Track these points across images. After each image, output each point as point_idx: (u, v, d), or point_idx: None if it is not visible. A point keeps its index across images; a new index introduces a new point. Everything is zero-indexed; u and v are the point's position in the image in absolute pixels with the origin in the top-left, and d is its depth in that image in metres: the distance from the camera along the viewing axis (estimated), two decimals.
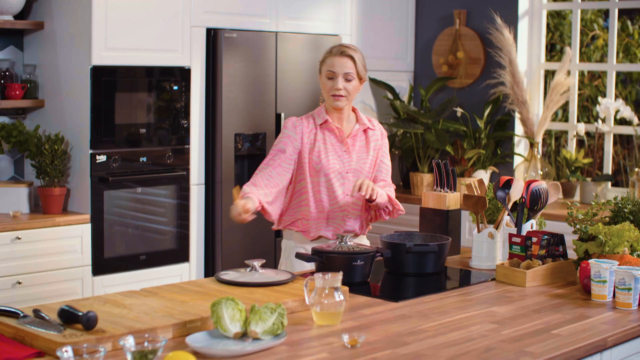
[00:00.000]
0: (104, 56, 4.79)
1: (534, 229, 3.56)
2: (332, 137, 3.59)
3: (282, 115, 5.55)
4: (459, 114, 6.22)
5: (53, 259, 4.66)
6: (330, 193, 3.55)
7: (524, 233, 3.49)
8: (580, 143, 6.17)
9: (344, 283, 2.95)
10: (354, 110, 3.69)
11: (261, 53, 5.46)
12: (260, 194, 3.44)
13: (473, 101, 6.34)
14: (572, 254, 3.57)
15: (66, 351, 2.12)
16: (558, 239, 3.39)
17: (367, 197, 3.37)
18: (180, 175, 5.18)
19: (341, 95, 3.53)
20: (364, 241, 3.66)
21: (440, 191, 3.78)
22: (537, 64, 6.25)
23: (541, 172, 5.98)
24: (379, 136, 3.69)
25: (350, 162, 3.58)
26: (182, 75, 5.15)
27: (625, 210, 3.51)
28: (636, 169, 5.61)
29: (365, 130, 3.66)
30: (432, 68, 6.53)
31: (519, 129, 6.20)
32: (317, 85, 5.70)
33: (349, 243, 3.27)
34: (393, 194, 3.61)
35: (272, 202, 3.50)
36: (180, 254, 5.20)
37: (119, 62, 4.87)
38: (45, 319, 2.51)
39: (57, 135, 4.81)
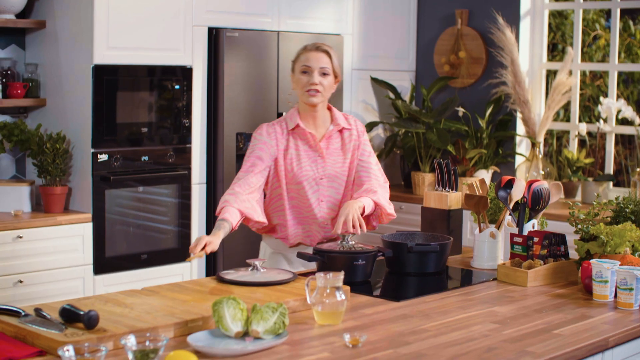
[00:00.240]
0: (105, 55, 4.79)
1: (536, 228, 3.56)
2: (304, 142, 3.48)
3: (284, 114, 5.54)
4: (460, 114, 6.22)
5: (54, 257, 4.66)
6: (305, 201, 3.47)
7: (525, 233, 3.49)
8: (581, 143, 6.17)
9: (345, 282, 2.95)
10: (329, 108, 3.55)
11: (263, 52, 5.46)
12: (246, 206, 3.33)
13: (475, 101, 6.34)
14: (573, 254, 3.57)
15: (67, 350, 2.12)
16: (560, 239, 3.39)
17: (359, 232, 3.24)
18: (181, 175, 5.18)
19: (317, 91, 3.40)
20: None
21: (442, 191, 3.77)
22: (539, 64, 6.25)
23: (543, 172, 5.97)
24: (356, 135, 3.55)
25: (325, 167, 3.48)
26: (184, 74, 5.15)
27: (627, 210, 3.51)
28: (638, 169, 5.61)
29: (340, 131, 3.53)
30: (434, 67, 6.53)
31: (520, 128, 6.20)
32: None
33: (350, 242, 3.26)
34: (382, 197, 3.45)
35: (257, 211, 3.38)
36: (181, 253, 5.19)
37: (121, 61, 4.87)
38: (47, 318, 2.51)
39: (59, 134, 4.81)
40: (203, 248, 3.08)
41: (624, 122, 6.04)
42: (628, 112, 5.73)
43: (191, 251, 3.10)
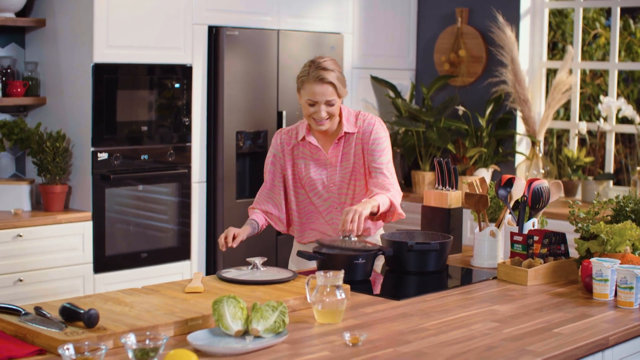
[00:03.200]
0: (105, 54, 4.79)
1: (536, 227, 3.55)
2: (312, 150, 3.49)
3: (284, 113, 5.55)
4: (460, 113, 6.22)
5: (54, 256, 4.66)
6: (317, 207, 3.52)
7: (525, 232, 3.49)
8: (582, 142, 6.16)
9: (345, 281, 2.95)
10: (339, 113, 3.48)
11: (263, 51, 5.46)
12: (262, 218, 3.55)
13: (475, 99, 6.34)
14: (573, 253, 3.57)
15: (67, 349, 2.12)
16: (560, 238, 3.39)
17: (360, 233, 3.21)
18: (181, 173, 5.18)
19: (323, 122, 3.39)
20: (375, 239, 3.62)
21: (442, 189, 3.77)
22: (539, 63, 6.25)
23: (543, 171, 5.97)
24: (360, 137, 3.48)
25: (334, 174, 3.48)
26: (184, 73, 5.15)
27: (627, 209, 3.51)
28: (638, 168, 5.60)
29: (347, 135, 3.48)
30: (434, 66, 6.52)
31: (520, 127, 6.20)
32: None
33: (353, 238, 3.24)
34: (395, 196, 3.41)
35: (280, 218, 3.58)
36: (181, 252, 5.20)
37: (121, 60, 4.87)
38: (47, 316, 2.50)
39: (59, 133, 4.81)
40: (233, 239, 3.35)
41: (624, 120, 6.04)
42: (628, 110, 5.73)
43: (221, 246, 3.35)
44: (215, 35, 5.26)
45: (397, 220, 3.55)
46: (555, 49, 7.43)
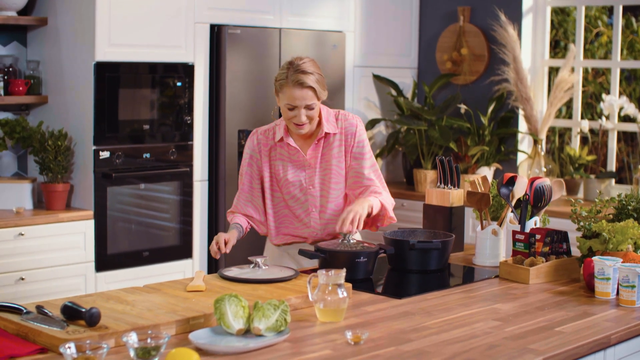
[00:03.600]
0: (107, 52, 4.79)
1: (538, 226, 3.55)
2: (291, 151, 3.43)
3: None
4: (462, 111, 6.21)
5: (56, 255, 4.66)
6: (295, 209, 3.47)
7: (527, 230, 3.48)
8: (584, 140, 6.16)
9: (347, 280, 2.95)
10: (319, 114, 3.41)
11: (265, 49, 5.46)
12: (245, 221, 3.51)
13: (477, 98, 6.34)
14: (575, 251, 3.57)
15: (69, 347, 2.12)
16: (562, 236, 3.38)
17: (354, 231, 3.21)
18: (183, 172, 5.18)
19: (303, 125, 3.33)
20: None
21: (444, 188, 3.77)
22: (541, 61, 6.24)
23: (545, 169, 5.97)
24: (342, 138, 3.41)
25: (312, 176, 3.43)
26: (186, 71, 5.15)
27: (629, 207, 3.51)
28: None
29: (327, 136, 3.42)
30: (436, 65, 6.52)
31: (522, 125, 6.19)
32: None
33: (351, 241, 3.24)
34: (386, 199, 3.41)
35: (262, 221, 3.53)
36: (183, 250, 5.20)
37: (123, 59, 4.87)
38: (48, 315, 2.50)
39: (61, 132, 4.81)
40: (225, 245, 3.30)
41: (626, 119, 6.04)
42: (630, 109, 5.72)
43: (214, 254, 3.30)
44: (217, 33, 5.26)
45: (397, 220, 3.55)
46: (558, 47, 7.42)
